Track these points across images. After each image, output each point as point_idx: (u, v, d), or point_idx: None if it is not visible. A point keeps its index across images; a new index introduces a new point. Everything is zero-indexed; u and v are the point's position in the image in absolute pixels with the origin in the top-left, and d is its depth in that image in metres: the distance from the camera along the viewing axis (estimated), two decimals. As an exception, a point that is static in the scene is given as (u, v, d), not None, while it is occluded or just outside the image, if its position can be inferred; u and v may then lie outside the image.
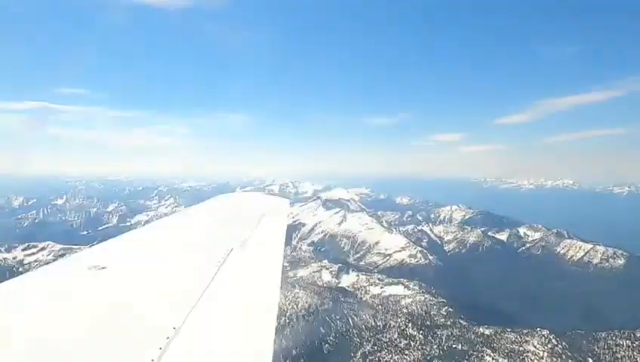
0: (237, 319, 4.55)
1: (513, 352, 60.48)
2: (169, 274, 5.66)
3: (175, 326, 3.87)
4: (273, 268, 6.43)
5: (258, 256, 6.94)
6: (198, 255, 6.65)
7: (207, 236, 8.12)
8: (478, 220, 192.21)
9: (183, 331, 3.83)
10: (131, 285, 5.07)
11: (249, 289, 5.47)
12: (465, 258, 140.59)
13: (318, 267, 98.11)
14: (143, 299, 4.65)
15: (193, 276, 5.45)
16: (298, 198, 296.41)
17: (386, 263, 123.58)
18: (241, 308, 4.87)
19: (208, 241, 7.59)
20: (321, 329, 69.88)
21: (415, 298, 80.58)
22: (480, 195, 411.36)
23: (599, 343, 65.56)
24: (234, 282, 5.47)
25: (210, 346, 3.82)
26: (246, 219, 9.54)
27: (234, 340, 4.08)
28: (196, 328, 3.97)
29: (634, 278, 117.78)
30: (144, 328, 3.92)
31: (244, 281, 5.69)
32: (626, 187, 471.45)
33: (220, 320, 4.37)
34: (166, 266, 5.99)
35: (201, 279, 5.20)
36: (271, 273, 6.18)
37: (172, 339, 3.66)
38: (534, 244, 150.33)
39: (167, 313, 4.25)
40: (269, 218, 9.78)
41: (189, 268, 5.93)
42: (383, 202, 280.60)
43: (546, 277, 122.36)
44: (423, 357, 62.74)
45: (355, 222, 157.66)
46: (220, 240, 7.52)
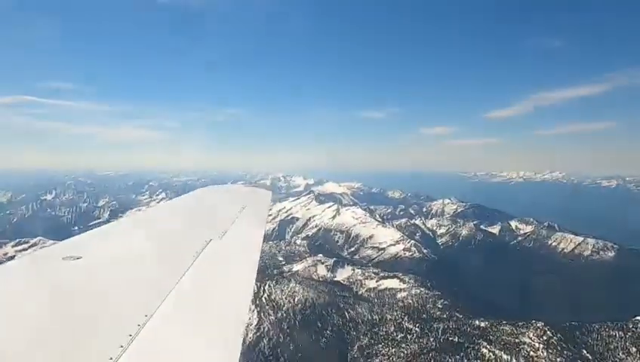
0: (209, 308, 4.64)
1: (509, 344, 60.98)
2: (145, 264, 5.69)
3: (147, 314, 3.92)
4: (250, 259, 6.54)
5: (236, 246, 6.99)
6: (175, 246, 6.67)
7: (186, 227, 8.17)
8: (469, 214, 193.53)
9: (154, 319, 3.88)
10: (105, 274, 5.12)
11: (224, 279, 5.55)
12: (458, 251, 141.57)
13: (313, 261, 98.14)
14: (116, 288, 4.71)
15: (169, 266, 5.47)
16: (291, 192, 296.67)
17: (381, 257, 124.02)
18: (215, 297, 4.95)
19: (187, 233, 7.65)
20: (318, 323, 70.03)
21: (411, 291, 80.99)
22: (470, 189, 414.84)
23: (592, 334, 66.38)
24: (209, 272, 5.53)
25: (181, 334, 3.92)
26: (226, 211, 9.55)
27: (205, 328, 4.18)
28: (167, 316, 4.02)
29: (624, 270, 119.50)
30: (116, 316, 3.96)
31: (220, 271, 5.76)
32: (614, 180, 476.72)
33: (191, 309, 4.49)
34: (142, 256, 6.02)
35: (176, 269, 5.24)
36: (247, 263, 6.30)
37: (142, 327, 3.71)
38: (526, 237, 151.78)
39: (139, 301, 4.27)
40: (250, 209, 9.81)
41: (165, 258, 5.94)
42: (375, 196, 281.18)
43: (538, 270, 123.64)
44: (420, 350, 63.07)
45: (348, 216, 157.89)
46: (198, 231, 7.54)
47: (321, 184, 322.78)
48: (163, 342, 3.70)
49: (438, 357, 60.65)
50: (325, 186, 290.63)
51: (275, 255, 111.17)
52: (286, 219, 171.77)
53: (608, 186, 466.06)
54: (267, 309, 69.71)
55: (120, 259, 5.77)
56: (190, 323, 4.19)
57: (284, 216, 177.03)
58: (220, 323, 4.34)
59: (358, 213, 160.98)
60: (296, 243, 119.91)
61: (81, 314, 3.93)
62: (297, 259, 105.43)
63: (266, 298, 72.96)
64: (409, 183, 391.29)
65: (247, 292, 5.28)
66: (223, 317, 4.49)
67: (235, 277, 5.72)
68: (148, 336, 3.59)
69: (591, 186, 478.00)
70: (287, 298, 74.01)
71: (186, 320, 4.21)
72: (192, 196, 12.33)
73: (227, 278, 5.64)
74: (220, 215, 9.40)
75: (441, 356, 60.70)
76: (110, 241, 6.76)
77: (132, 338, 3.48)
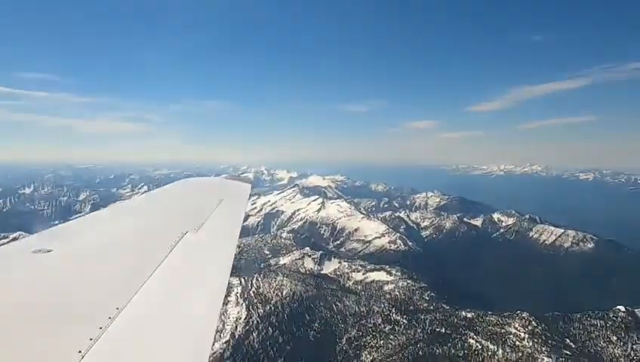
0: (182, 301, 4.59)
1: (495, 334, 62.05)
2: (117, 256, 5.62)
3: (118, 307, 3.86)
4: (226, 252, 6.50)
5: (212, 239, 6.92)
6: (150, 238, 6.58)
7: (162, 220, 8.04)
8: (452, 206, 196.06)
9: (125, 312, 3.82)
10: (76, 267, 5.03)
11: (198, 273, 5.49)
12: (442, 243, 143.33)
13: (300, 254, 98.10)
14: (87, 281, 4.65)
15: (142, 259, 5.40)
16: (274, 186, 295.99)
17: (366, 249, 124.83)
18: (188, 290, 4.90)
19: (163, 225, 7.52)
20: (307, 316, 70.22)
21: (397, 283, 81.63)
22: (452, 182, 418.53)
23: (575, 324, 68.01)
24: (184, 265, 5.48)
25: (152, 328, 3.87)
26: (204, 204, 9.44)
27: (177, 322, 4.12)
28: (139, 309, 3.96)
29: (603, 261, 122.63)
30: (86, 308, 3.90)
31: (195, 264, 5.71)
32: (591, 173, 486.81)
33: (164, 302, 4.43)
34: (115, 249, 5.94)
35: (150, 262, 5.17)
36: (223, 256, 6.25)
37: (113, 319, 3.65)
38: (508, 229, 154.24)
39: (110, 294, 4.21)
40: (228, 202, 9.72)
41: (139, 250, 5.89)
42: (359, 189, 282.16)
43: (520, 262, 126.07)
44: (408, 341, 63.75)
45: (333, 209, 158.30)
46: (174, 224, 7.42)
47: (305, 177, 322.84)
48: (134, 335, 3.63)
49: (426, 348, 61.39)
50: (309, 179, 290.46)
51: (261, 248, 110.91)
52: (271, 212, 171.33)
53: (586, 179, 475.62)
54: (255, 303, 69.64)
55: (92, 251, 5.68)
56: (162, 316, 4.13)
57: (269, 209, 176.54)
58: (193, 316, 4.31)
59: (343, 206, 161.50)
60: (282, 236, 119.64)
61: (49, 307, 3.84)
62: (284, 253, 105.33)
63: (254, 291, 72.88)
64: (392, 176, 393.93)
65: (222, 285, 5.22)
66: (196, 310, 4.46)
67: (209, 270, 5.67)
68: (118, 329, 3.54)
69: (570, 179, 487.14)
70: (275, 291, 74.02)
71: (158, 313, 4.16)
72: (168, 188, 12.13)
73: (202, 271, 5.58)
74: (197, 207, 9.26)
75: (428, 347, 61.47)
76: (83, 234, 6.60)
77: (102, 331, 3.43)
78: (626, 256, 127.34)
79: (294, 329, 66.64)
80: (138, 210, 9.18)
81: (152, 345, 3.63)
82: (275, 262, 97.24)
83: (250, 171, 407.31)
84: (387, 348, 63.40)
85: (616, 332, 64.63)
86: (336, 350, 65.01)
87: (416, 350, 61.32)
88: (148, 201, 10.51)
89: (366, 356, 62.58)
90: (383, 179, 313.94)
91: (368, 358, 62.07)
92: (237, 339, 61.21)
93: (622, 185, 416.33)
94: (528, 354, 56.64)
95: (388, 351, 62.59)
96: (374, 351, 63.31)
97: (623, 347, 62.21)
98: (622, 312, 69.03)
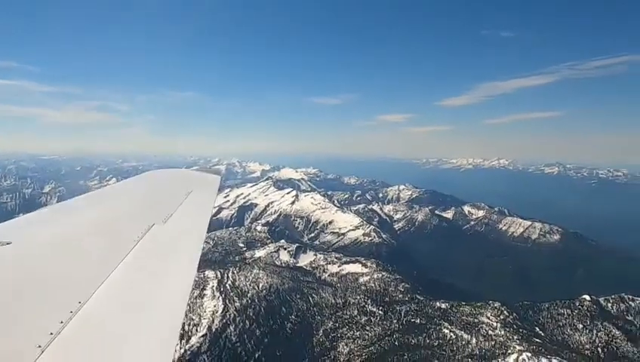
0: (147, 295, 4.51)
1: (469, 324, 63.64)
2: (81, 248, 5.52)
3: (80, 301, 3.79)
4: (194, 244, 6.48)
5: (179, 232, 6.84)
6: (115, 230, 6.45)
7: (128, 212, 7.87)
8: (424, 199, 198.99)
9: (87, 306, 3.75)
10: (37, 260, 4.93)
11: (165, 265, 5.44)
12: (415, 236, 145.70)
13: (275, 247, 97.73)
14: (48, 274, 4.52)
15: (107, 251, 5.32)
16: (247, 178, 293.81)
17: (341, 242, 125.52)
18: (154, 283, 4.85)
19: (128, 217, 7.38)
20: (283, 308, 70.26)
21: (373, 275, 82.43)
22: (423, 175, 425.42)
23: (543, 313, 70.69)
24: (150, 258, 5.41)
25: (116, 322, 3.81)
26: (172, 195, 9.30)
27: (142, 316, 4.06)
28: (102, 303, 3.89)
29: (569, 252, 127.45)
30: (47, 302, 3.82)
31: (161, 257, 5.64)
32: (556, 167, 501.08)
33: (129, 295, 4.33)
34: (79, 241, 5.82)
35: (115, 254, 5.10)
36: (190, 249, 6.19)
37: (75, 314, 3.58)
38: (478, 222, 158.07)
39: (73, 287, 4.13)
40: (197, 194, 9.60)
41: (103, 243, 5.76)
42: (332, 182, 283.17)
43: (491, 253, 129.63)
44: (384, 332, 64.73)
45: (307, 202, 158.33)
46: (141, 216, 7.33)
47: (277, 170, 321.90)
48: (96, 329, 3.57)
49: (402, 338, 62.53)
50: (282, 172, 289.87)
51: (235, 241, 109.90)
52: (245, 205, 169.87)
53: (551, 173, 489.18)
54: (232, 296, 69.15)
55: (54, 244, 5.53)
56: (127, 310, 4.07)
57: (243, 202, 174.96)
58: (159, 310, 4.24)
59: (317, 198, 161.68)
60: (256, 229, 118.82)
61: (8, 301, 3.75)
62: (259, 245, 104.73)
63: (230, 284, 72.34)
64: (364, 169, 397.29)
65: (189, 278, 5.16)
66: (162, 303, 4.39)
67: (176, 262, 5.60)
68: (80, 324, 3.47)
69: (535, 173, 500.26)
70: (252, 284, 73.69)
71: (123, 307, 4.09)
72: (135, 180, 11.88)
73: (168, 264, 5.51)
74: (165, 199, 9.11)
75: (404, 337, 62.61)
76: (44, 226, 6.42)
77: (63, 326, 3.36)
78: (590, 248, 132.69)
79: (271, 322, 66.56)
80: (103, 201, 8.90)
81: (116, 339, 3.55)
82: (250, 255, 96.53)
83: (221, 163, 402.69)
84: (363, 339, 64.21)
85: (582, 321, 67.41)
86: (313, 342, 65.39)
87: (392, 340, 62.38)
88: (113, 193, 10.25)
89: (343, 347, 63.19)
90: (355, 172, 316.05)
91: (345, 349, 62.68)
92: (214, 333, 60.68)
93: (584, 179, 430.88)
94: (501, 343, 58.34)
95: (364, 342, 63.41)
96: (351, 342, 64.00)
97: (588, 334, 64.95)
98: (587, 301, 71.99)
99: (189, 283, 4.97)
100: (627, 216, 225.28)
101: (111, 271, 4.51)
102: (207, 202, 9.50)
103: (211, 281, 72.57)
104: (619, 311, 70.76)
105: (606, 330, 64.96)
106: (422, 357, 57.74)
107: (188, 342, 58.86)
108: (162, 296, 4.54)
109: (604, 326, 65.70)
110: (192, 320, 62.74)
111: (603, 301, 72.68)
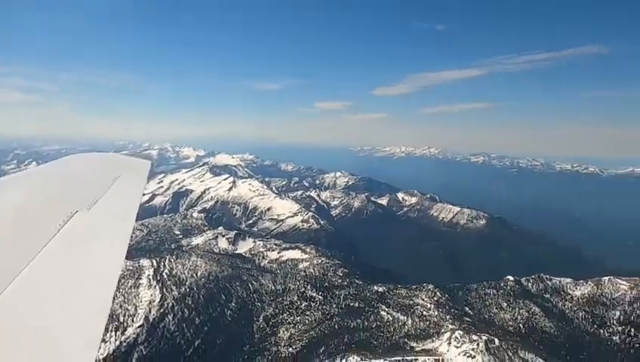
0: (69, 285, 4.37)
1: (405, 306, 66.36)
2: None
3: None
4: (121, 232, 6.25)
5: (105, 219, 6.55)
6: (33, 218, 6.04)
7: (48, 198, 7.35)
8: (360, 186, 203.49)
9: (2, 298, 3.58)
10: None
11: (89, 254, 5.28)
12: (351, 222, 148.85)
13: (213, 234, 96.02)
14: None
15: (24, 240, 5.04)
16: (181, 163, 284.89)
17: (280, 228, 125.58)
18: (77, 273, 4.69)
19: (49, 203, 6.92)
20: (223, 296, 69.46)
21: (312, 261, 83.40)
22: (358, 163, 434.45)
23: (472, 293, 75.05)
24: (73, 246, 5.20)
25: (35, 315, 3.65)
26: (97, 181, 8.87)
27: (64, 308, 3.91)
28: (19, 296, 3.71)
29: (494, 236, 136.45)
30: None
31: (85, 245, 5.44)
32: (481, 156, 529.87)
33: (49, 285, 4.14)
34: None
35: (33, 244, 4.86)
36: (117, 237, 5.99)
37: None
38: (411, 208, 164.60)
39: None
40: (125, 180, 9.24)
41: (21, 232, 5.43)
42: (269, 168, 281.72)
43: (423, 238, 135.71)
44: (324, 316, 65.88)
45: (245, 189, 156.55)
46: (63, 202, 6.91)
47: (212, 155, 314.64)
48: (11, 324, 3.38)
49: (341, 321, 64.02)
50: (217, 158, 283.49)
51: (170, 228, 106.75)
52: (179, 191, 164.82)
53: (476, 162, 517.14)
54: (169, 285, 67.28)
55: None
56: (46, 302, 3.85)
57: (178, 188, 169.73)
58: (83, 300, 4.08)
59: (254, 185, 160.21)
60: (192, 216, 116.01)
61: None
62: (196, 233, 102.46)
63: (167, 273, 70.28)
64: (300, 156, 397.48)
65: (116, 267, 5.00)
66: (87, 293, 4.22)
67: (102, 251, 5.39)
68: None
69: (462, 162, 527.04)
70: (190, 272, 72.09)
71: (43, 299, 3.87)
72: (57, 164, 10.95)
73: (93, 253, 5.30)
74: (90, 185, 8.59)
75: (343, 321, 64.14)
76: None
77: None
78: (513, 232, 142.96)
79: (211, 310, 65.63)
80: (19, 186, 8.17)
81: (34, 334, 3.37)
82: (187, 242, 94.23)
83: (153, 148, 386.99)
84: (304, 323, 64.99)
85: (507, 299, 72.30)
86: (254, 328, 65.26)
87: (332, 324, 63.71)
88: (32, 177, 9.41)
89: (283, 332, 63.61)
90: (291, 159, 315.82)
91: (286, 334, 63.15)
92: (151, 323, 58.82)
93: (506, 168, 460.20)
94: (434, 323, 61.42)
95: (305, 327, 64.21)
96: (291, 327, 64.56)
97: (511, 312, 69.75)
98: (511, 281, 77.40)
99: (116, 273, 4.78)
100: (544, 202, 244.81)
101: (29, 261, 4.23)
102: (136, 188, 9.10)
103: (147, 270, 70.10)
104: (538, 290, 76.67)
105: (527, 308, 70.10)
106: (361, 339, 59.48)
107: (124, 333, 56.67)
108: (86, 286, 4.32)
109: (525, 304, 70.85)
110: (127, 310, 60.47)
111: (524, 281, 78.45)
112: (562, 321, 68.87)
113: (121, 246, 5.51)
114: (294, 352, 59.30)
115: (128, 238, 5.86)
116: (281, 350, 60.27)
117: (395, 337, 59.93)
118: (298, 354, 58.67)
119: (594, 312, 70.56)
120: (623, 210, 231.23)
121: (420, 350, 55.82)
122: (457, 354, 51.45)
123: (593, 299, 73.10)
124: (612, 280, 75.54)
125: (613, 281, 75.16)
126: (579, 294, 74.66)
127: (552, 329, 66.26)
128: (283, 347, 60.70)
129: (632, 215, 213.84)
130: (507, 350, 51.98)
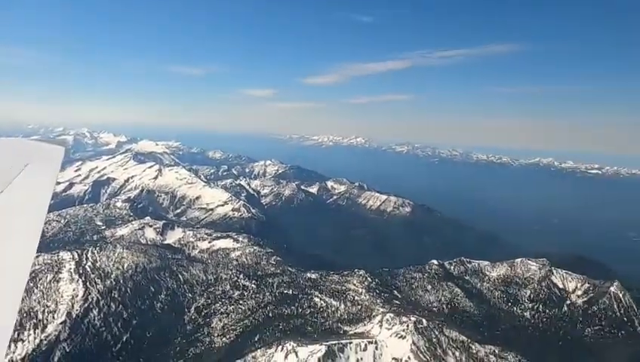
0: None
1: (337, 292, 68.11)
2: None
3: None
4: (32, 223, 5.99)
5: (13, 209, 6.28)
6: None
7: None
8: (290, 174, 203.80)
9: None
10: None
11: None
12: (282, 210, 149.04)
13: (139, 224, 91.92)
14: None
15: None
16: (100, 150, 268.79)
17: (209, 218, 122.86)
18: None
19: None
20: (151, 288, 67.09)
21: (244, 250, 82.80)
22: (287, 151, 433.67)
23: (399, 277, 78.47)
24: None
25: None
26: (3, 169, 8.38)
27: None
28: None
29: (418, 223, 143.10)
30: None
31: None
32: (405, 146, 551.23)
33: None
34: None
35: None
36: (28, 227, 5.74)
37: None
38: (340, 196, 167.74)
39: None
40: (36, 167, 8.80)
41: None
42: (196, 156, 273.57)
43: (352, 225, 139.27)
44: (257, 305, 65.92)
45: (172, 177, 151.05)
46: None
47: (135, 142, 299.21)
48: None
49: (275, 309, 64.48)
50: (140, 144, 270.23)
51: (92, 219, 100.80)
52: (100, 180, 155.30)
53: (401, 152, 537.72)
54: (93, 278, 63.72)
55: None
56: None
57: (98, 176, 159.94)
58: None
59: (182, 173, 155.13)
60: (116, 205, 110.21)
61: None
62: (120, 223, 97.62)
63: (90, 266, 66.53)
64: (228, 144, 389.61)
65: (26, 261, 4.73)
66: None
67: (9, 245, 5.03)
68: None
69: (388, 151, 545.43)
70: (115, 264, 68.80)
71: None
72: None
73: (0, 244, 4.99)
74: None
75: (277, 308, 64.64)
76: None
77: None
78: (436, 218, 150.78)
79: (139, 303, 63.18)
80: None
81: None
82: (110, 233, 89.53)
83: (68, 133, 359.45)
84: (237, 312, 64.62)
85: (431, 282, 76.57)
86: (185, 320, 63.87)
87: (266, 312, 63.97)
88: None
89: (217, 323, 62.86)
90: (219, 147, 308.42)
91: (219, 324, 62.45)
92: (74, 319, 55.42)
93: (429, 157, 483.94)
94: (366, 307, 63.72)
95: (238, 316, 63.87)
96: (225, 317, 63.95)
97: (436, 294, 74.03)
98: (435, 265, 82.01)
99: (26, 267, 4.52)
100: (462, 189, 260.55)
101: None
102: (48, 176, 8.65)
103: (67, 263, 65.89)
104: (459, 272, 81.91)
105: (450, 289, 74.76)
106: (295, 325, 60.33)
107: (44, 331, 52.97)
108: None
109: (448, 286, 75.49)
110: (46, 306, 56.54)
111: (447, 264, 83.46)
112: (481, 301, 74.33)
113: (32, 238, 5.18)
114: (228, 342, 58.86)
115: (40, 229, 5.52)
116: (215, 340, 59.59)
117: (329, 322, 61.47)
118: (232, 343, 58.30)
119: (508, 291, 76.81)
120: (531, 197, 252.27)
121: (353, 333, 57.72)
122: (389, 336, 53.80)
123: (507, 280, 79.49)
124: (524, 261, 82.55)
125: (524, 262, 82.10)
126: (495, 275, 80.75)
127: (472, 309, 71.22)
128: (217, 337, 60.06)
129: (539, 202, 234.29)
130: (434, 329, 55.16)
